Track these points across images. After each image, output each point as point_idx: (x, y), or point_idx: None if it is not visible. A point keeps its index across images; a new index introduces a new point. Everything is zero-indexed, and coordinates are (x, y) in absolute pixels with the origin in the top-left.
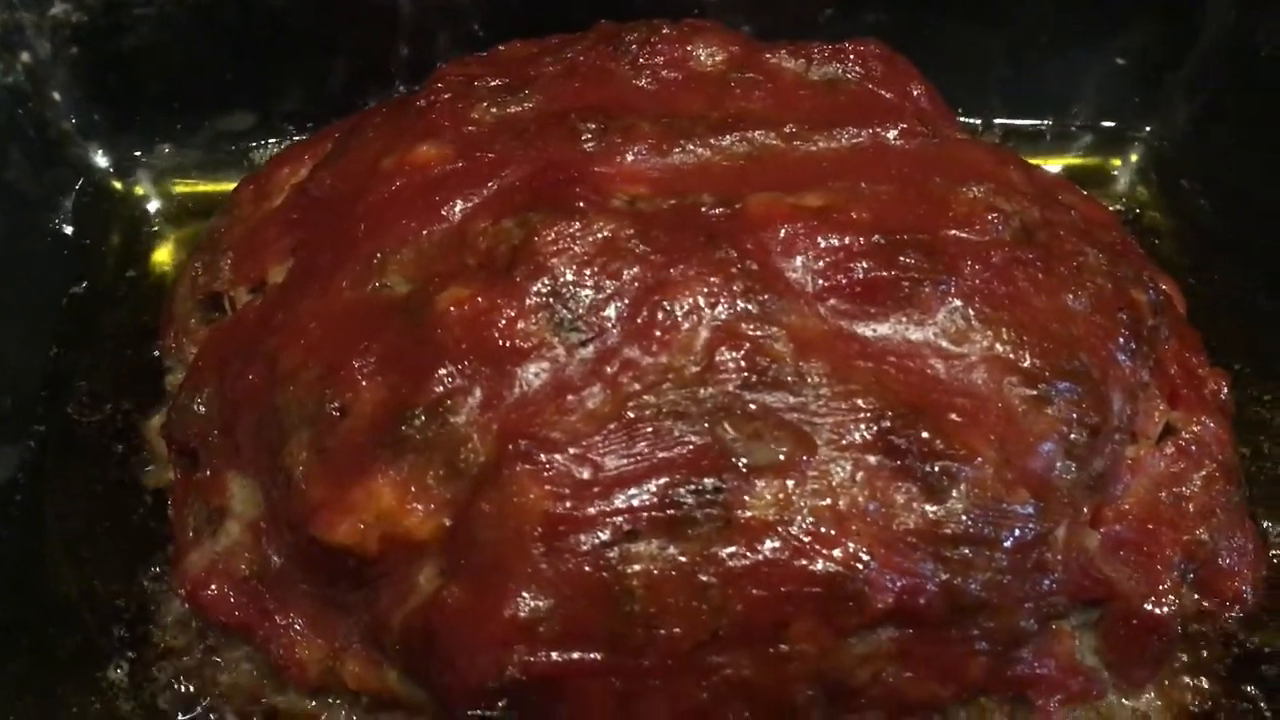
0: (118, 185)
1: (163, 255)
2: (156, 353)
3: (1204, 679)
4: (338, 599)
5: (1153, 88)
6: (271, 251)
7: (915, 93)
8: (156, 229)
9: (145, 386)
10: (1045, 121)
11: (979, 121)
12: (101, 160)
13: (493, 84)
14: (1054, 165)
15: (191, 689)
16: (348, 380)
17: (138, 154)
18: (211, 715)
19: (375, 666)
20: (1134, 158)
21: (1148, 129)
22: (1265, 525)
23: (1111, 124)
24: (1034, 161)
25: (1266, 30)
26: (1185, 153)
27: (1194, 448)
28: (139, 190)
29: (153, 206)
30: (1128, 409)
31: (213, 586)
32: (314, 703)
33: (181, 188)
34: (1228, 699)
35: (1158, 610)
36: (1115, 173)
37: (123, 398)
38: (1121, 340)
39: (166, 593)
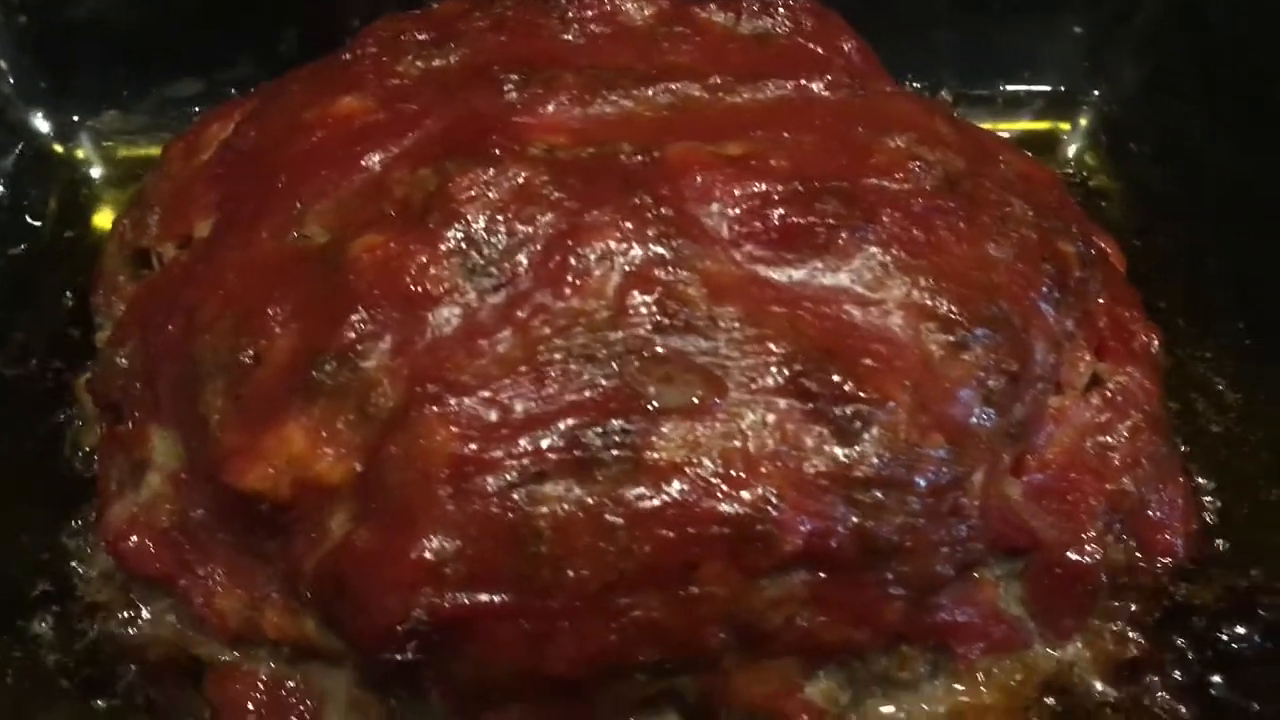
0: (59, 149)
1: (103, 219)
2: None
3: (1132, 630)
4: (255, 548)
5: (1102, 52)
6: (197, 207)
7: (846, 48)
8: (98, 192)
9: (79, 344)
10: (996, 87)
11: (922, 84)
12: (43, 125)
13: (420, 38)
14: (1005, 131)
15: (116, 641)
16: (262, 328)
17: (82, 118)
18: (134, 667)
19: (293, 615)
20: (1083, 122)
21: (1097, 93)
22: (1200, 481)
23: (1062, 89)
24: (985, 126)
25: None
26: (1134, 116)
27: (1120, 398)
28: (80, 154)
29: (95, 171)
30: (1051, 358)
31: (134, 538)
32: (236, 653)
33: (125, 152)
34: (1156, 650)
35: (1081, 559)
36: (1065, 137)
37: (55, 355)
38: (1045, 289)
39: (91, 546)
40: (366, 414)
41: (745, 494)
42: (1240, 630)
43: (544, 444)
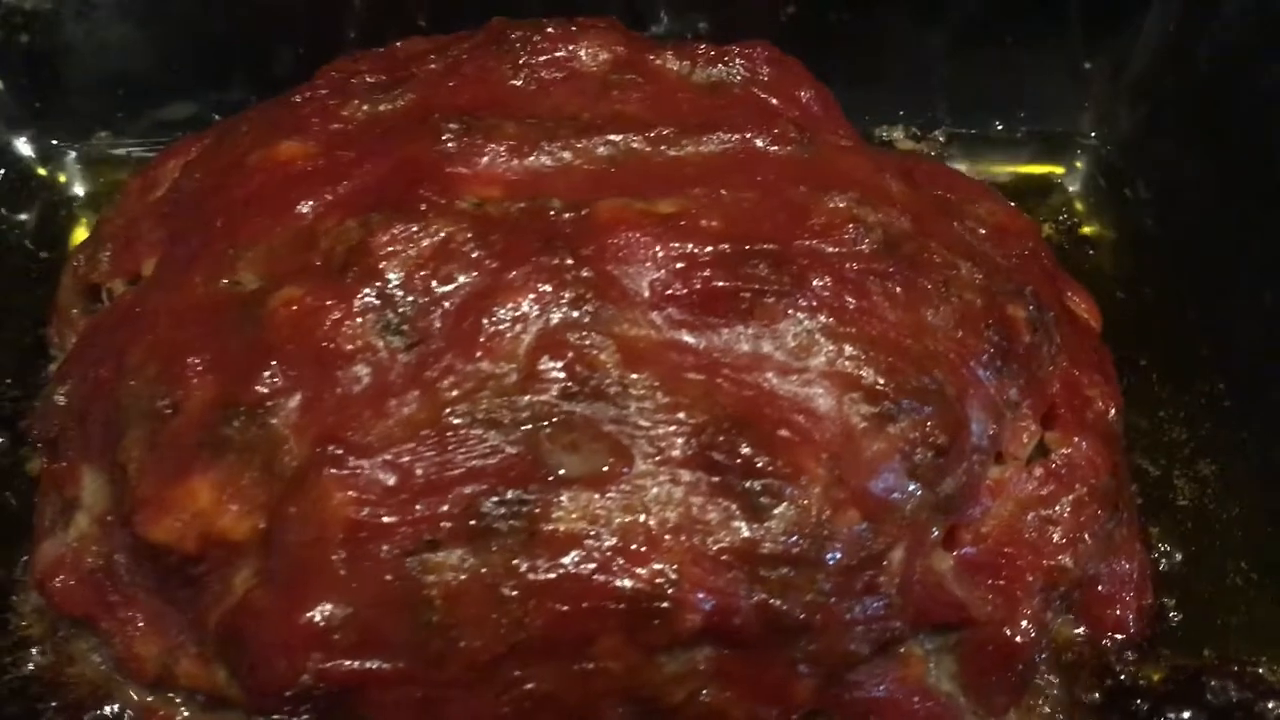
0: (41, 171)
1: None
2: None
3: (1071, 710)
4: (170, 596)
5: (1098, 94)
6: (145, 244)
7: (804, 97)
8: (78, 214)
9: (41, 372)
10: (992, 128)
11: (917, 124)
12: (26, 148)
13: (370, 81)
14: (1001, 172)
15: (44, 678)
16: (180, 378)
17: (69, 141)
18: (54, 704)
19: (205, 665)
20: (1079, 165)
21: (1093, 135)
22: (1164, 549)
23: (1058, 130)
24: (980, 169)
25: (1208, 36)
26: (1129, 161)
27: (1064, 470)
28: (61, 177)
29: (77, 192)
30: (991, 428)
31: (61, 577)
32: (153, 698)
33: (112, 175)
34: None
35: (1016, 637)
36: (1060, 180)
37: (17, 384)
38: (986, 357)
39: (26, 582)
40: (272, 471)
41: (642, 570)
42: (1185, 715)
43: (440, 510)
